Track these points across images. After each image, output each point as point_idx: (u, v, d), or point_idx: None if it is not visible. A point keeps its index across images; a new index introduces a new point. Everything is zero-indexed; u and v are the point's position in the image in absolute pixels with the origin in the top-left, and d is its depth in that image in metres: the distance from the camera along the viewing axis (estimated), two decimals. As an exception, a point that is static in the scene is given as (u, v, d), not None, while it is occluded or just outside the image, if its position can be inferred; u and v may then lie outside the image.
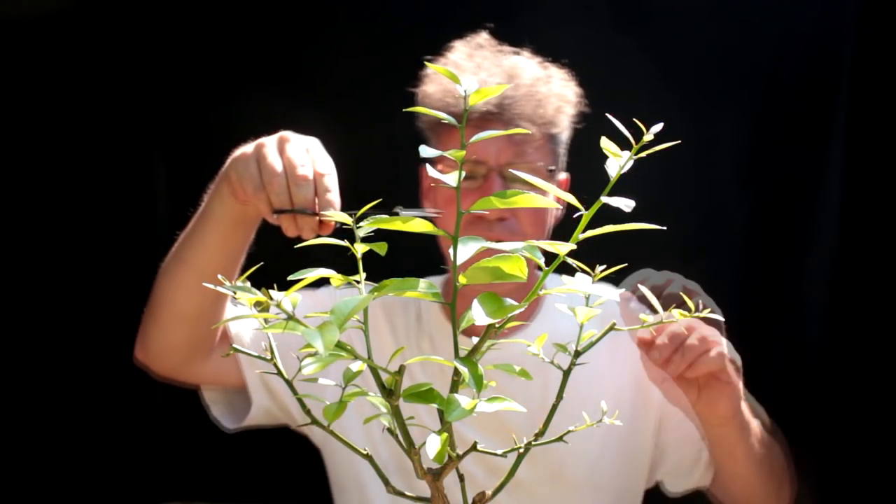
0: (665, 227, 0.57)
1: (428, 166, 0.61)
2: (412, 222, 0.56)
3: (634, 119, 0.56)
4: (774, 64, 1.47)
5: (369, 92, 1.56)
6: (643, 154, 0.54)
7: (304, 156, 0.94)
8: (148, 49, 1.62)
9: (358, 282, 0.58)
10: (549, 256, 0.55)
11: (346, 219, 0.60)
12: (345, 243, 0.60)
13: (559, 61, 1.21)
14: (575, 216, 0.55)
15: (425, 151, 0.56)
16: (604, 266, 0.62)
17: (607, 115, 0.58)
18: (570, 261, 0.59)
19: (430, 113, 0.60)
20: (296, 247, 0.95)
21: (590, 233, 0.56)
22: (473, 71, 1.15)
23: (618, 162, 0.54)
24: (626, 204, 0.54)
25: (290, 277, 0.57)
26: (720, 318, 0.63)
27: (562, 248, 0.55)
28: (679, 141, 0.59)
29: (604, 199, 0.54)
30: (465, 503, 0.61)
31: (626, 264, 0.88)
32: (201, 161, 1.65)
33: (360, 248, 0.59)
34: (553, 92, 1.16)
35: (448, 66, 1.18)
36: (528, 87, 1.14)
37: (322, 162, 0.95)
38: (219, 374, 1.23)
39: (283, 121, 1.62)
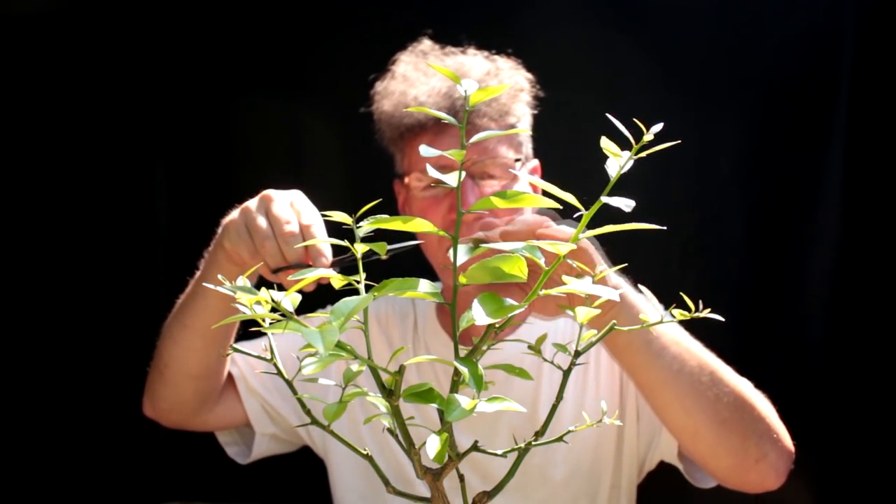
0: (665, 227, 0.57)
1: (428, 166, 0.61)
2: (412, 222, 0.56)
3: (634, 119, 0.56)
4: (775, 64, 1.47)
5: (369, 93, 1.56)
6: (643, 154, 0.54)
7: (288, 212, 0.97)
8: (148, 50, 1.62)
9: (358, 282, 0.58)
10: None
11: (346, 219, 0.60)
12: (345, 243, 0.60)
13: (505, 52, 1.22)
14: (575, 216, 0.55)
15: (426, 151, 0.56)
16: (602, 266, 0.62)
17: (607, 115, 0.58)
18: (569, 260, 0.59)
19: (431, 113, 0.60)
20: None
21: (590, 233, 0.56)
22: (422, 80, 1.16)
23: (618, 162, 0.54)
24: (626, 204, 0.54)
25: (290, 278, 0.57)
26: (720, 318, 0.63)
27: (562, 247, 0.55)
28: (679, 141, 0.59)
29: (604, 199, 0.54)
30: (465, 503, 0.61)
31: (625, 264, 0.88)
32: (201, 161, 1.67)
33: (359, 249, 0.59)
34: (504, 82, 1.18)
35: (396, 79, 1.20)
36: (478, 82, 1.15)
37: (307, 213, 0.97)
38: (226, 418, 1.28)
39: (282, 122, 1.63)
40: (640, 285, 0.71)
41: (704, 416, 0.98)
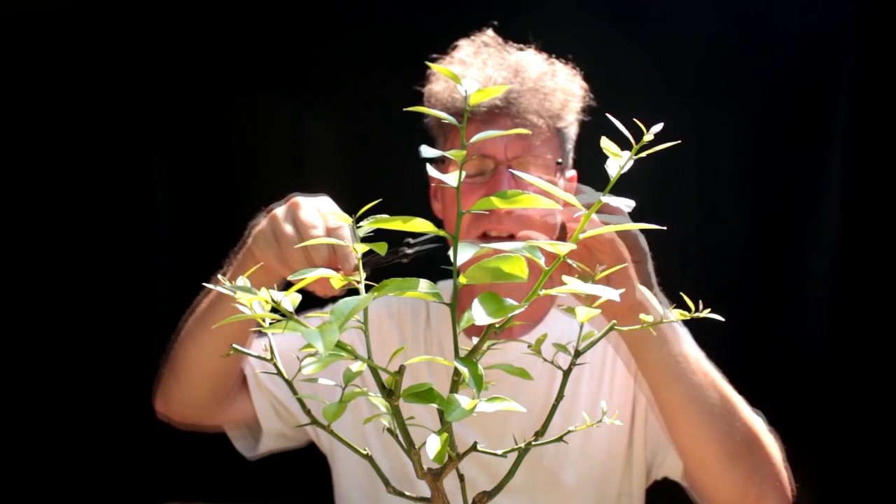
0: (665, 227, 0.57)
1: (429, 167, 0.61)
2: (413, 222, 0.55)
3: (634, 119, 0.56)
4: (774, 64, 1.47)
5: (371, 92, 1.56)
6: (643, 154, 0.54)
7: (315, 217, 0.96)
8: (148, 49, 1.62)
9: (358, 282, 0.58)
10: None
11: (346, 219, 0.60)
12: (345, 243, 0.60)
13: (564, 57, 1.22)
14: (575, 216, 0.55)
15: (426, 151, 0.56)
16: (604, 266, 0.62)
17: (607, 115, 0.58)
18: (569, 261, 0.59)
19: (431, 113, 0.60)
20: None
21: (590, 233, 0.56)
22: (479, 67, 1.15)
23: (618, 162, 0.54)
24: (626, 204, 0.54)
25: (290, 278, 0.57)
26: (720, 318, 0.63)
27: (562, 247, 0.55)
28: (679, 141, 0.59)
29: (604, 198, 0.54)
30: (465, 503, 0.61)
31: (625, 264, 0.88)
32: (202, 161, 1.67)
33: (359, 248, 0.59)
34: (559, 86, 1.17)
35: (454, 64, 1.19)
36: (535, 81, 1.15)
37: (333, 218, 0.97)
38: (237, 415, 1.28)
39: (282, 122, 1.63)
40: (640, 285, 0.71)
41: (714, 448, 0.99)
